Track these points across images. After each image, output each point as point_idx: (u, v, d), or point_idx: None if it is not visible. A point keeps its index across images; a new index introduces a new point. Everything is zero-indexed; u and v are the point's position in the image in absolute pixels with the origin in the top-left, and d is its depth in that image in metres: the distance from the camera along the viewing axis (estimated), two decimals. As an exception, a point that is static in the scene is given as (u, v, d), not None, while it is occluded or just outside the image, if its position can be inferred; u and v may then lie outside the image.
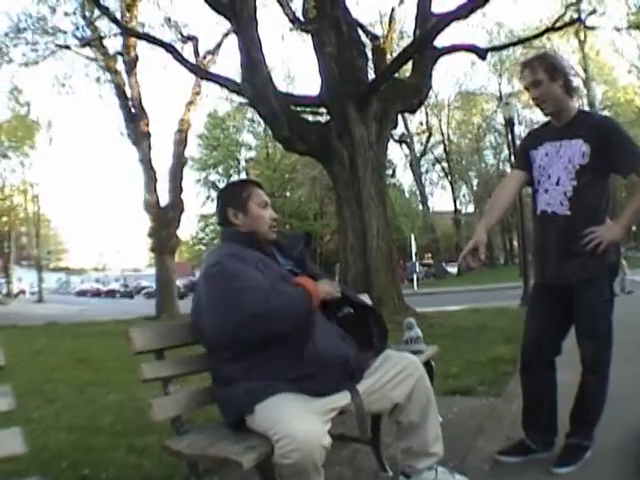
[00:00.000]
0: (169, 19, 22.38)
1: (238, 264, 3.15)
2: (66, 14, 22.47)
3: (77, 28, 23.22)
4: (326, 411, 2.99)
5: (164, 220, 27.91)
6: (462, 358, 8.52)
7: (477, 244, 3.95)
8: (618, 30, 21.74)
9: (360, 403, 3.18)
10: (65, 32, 23.06)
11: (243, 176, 69.22)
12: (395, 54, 18.53)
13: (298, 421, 2.76)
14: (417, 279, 43.36)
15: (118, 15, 23.20)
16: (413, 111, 19.08)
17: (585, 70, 60.49)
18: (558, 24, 20.09)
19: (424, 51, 16.25)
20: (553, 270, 4.06)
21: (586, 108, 62.43)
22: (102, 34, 24.97)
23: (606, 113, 66.22)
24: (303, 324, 3.08)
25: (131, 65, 27.76)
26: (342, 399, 3.12)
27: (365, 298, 4.57)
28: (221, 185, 70.99)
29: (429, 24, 16.21)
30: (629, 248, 63.08)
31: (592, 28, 21.18)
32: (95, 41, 24.92)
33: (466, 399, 6.35)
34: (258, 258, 3.27)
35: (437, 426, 3.57)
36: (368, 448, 4.15)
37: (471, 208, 74.41)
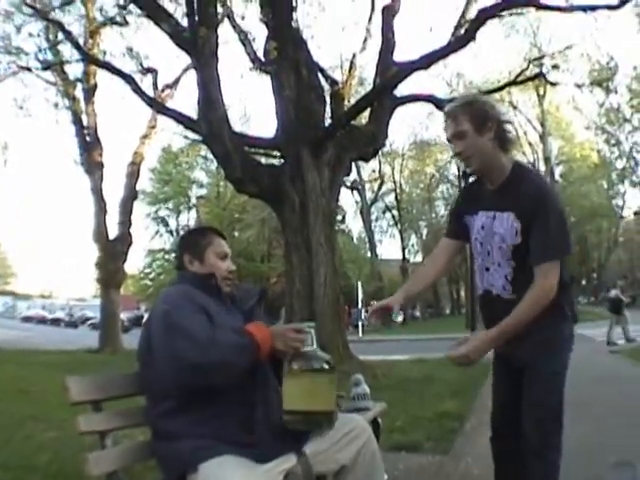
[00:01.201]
0: (131, 49, 22.18)
1: (185, 310, 3.01)
2: (30, 35, 22.28)
3: (40, 50, 23.12)
4: (273, 475, 2.84)
5: (112, 253, 27.71)
6: (408, 412, 8.41)
7: (390, 304, 3.73)
8: (579, 87, 21.91)
9: (308, 466, 3.05)
10: (27, 53, 22.85)
11: (193, 214, 69.44)
12: (354, 100, 18.57)
13: None
14: (362, 326, 43.22)
15: (81, 41, 23.23)
16: (368, 159, 19.18)
17: (542, 125, 61.74)
18: (520, 78, 20.40)
19: (383, 99, 16.33)
20: (505, 349, 3.71)
21: (541, 163, 63.70)
22: (64, 59, 24.90)
23: (561, 168, 67.54)
24: (248, 374, 2.96)
25: (90, 93, 27.77)
26: (288, 461, 2.98)
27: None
28: (170, 221, 71.09)
29: (390, 73, 16.33)
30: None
31: (554, 84, 21.39)
32: (56, 65, 24.87)
33: (412, 456, 6.24)
34: (211, 304, 3.15)
35: None
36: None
37: (419, 257, 75.41)
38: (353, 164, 18.13)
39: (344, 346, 15.02)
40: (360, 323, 43.51)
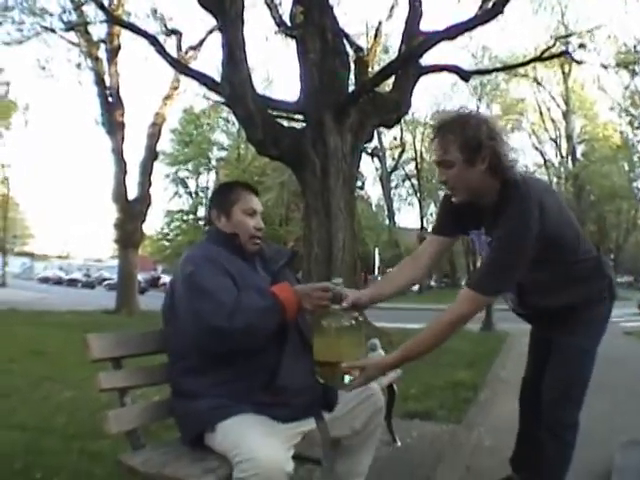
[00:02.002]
0: (155, 11, 22.17)
1: (210, 272, 2.99)
2: (55, -5, 22.32)
3: (64, 11, 22.85)
4: (290, 437, 2.88)
5: (130, 213, 27.67)
6: (422, 380, 8.40)
7: (350, 297, 3.12)
8: (605, 67, 21.61)
9: (326, 431, 3.10)
10: (52, 14, 22.72)
11: (212, 176, 69.45)
12: (377, 68, 18.49)
13: (262, 445, 2.62)
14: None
15: (106, 2, 23.00)
16: (390, 126, 19.05)
17: (566, 102, 61.10)
18: (546, 55, 20.00)
19: (408, 68, 16.20)
20: (532, 324, 3.78)
21: (563, 140, 63.36)
22: (88, 20, 24.72)
23: (583, 147, 67.01)
24: (274, 336, 2.96)
25: (113, 54, 27.57)
26: (307, 425, 3.03)
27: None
28: (190, 182, 71.18)
29: (416, 42, 16.19)
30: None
31: (579, 62, 20.93)
32: (80, 26, 24.69)
33: (425, 424, 6.26)
34: (235, 264, 3.12)
35: (367, 464, 3.49)
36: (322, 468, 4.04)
37: None
38: (375, 131, 17.97)
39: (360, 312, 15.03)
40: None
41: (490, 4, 16.16)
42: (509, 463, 4.04)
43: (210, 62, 73.47)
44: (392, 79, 16.90)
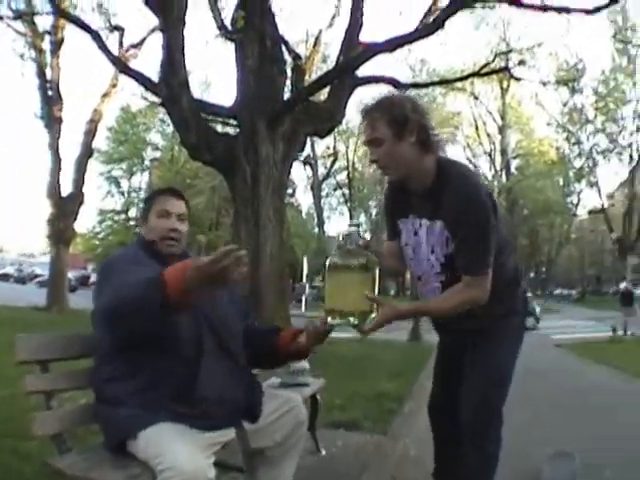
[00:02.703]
0: (101, 5, 21.97)
1: (120, 268, 3.01)
2: (3, -17, 22.10)
3: (13, -1, 22.81)
4: (211, 445, 2.89)
5: (63, 210, 27.38)
6: (347, 390, 8.44)
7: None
8: (544, 84, 21.86)
9: (246, 441, 3.11)
10: (1, 1, 22.76)
11: (145, 176, 68.96)
12: (315, 76, 18.51)
13: (184, 453, 2.62)
14: (306, 301, 43.41)
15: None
16: (323, 136, 18.96)
17: (503, 117, 61.97)
18: (484, 70, 20.29)
19: (344, 78, 16.26)
20: (451, 334, 3.73)
21: (498, 154, 64.07)
22: (35, 10, 24.65)
23: (518, 161, 67.91)
24: (193, 346, 2.96)
25: (56, 46, 27.48)
26: (227, 434, 3.04)
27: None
28: (123, 182, 70.62)
29: (354, 52, 16.27)
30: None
31: (518, 79, 21.13)
32: (28, 16, 24.54)
33: (351, 434, 6.29)
34: (152, 267, 2.98)
35: (291, 474, 3.49)
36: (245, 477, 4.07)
37: (367, 236, 75.16)
38: (308, 139, 17.97)
39: (286, 320, 15.04)
40: (304, 298, 43.74)
41: (431, 18, 16.31)
42: (432, 477, 3.99)
43: (150, 61, 73.00)
44: (327, 88, 16.96)
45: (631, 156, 53.97)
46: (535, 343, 18.91)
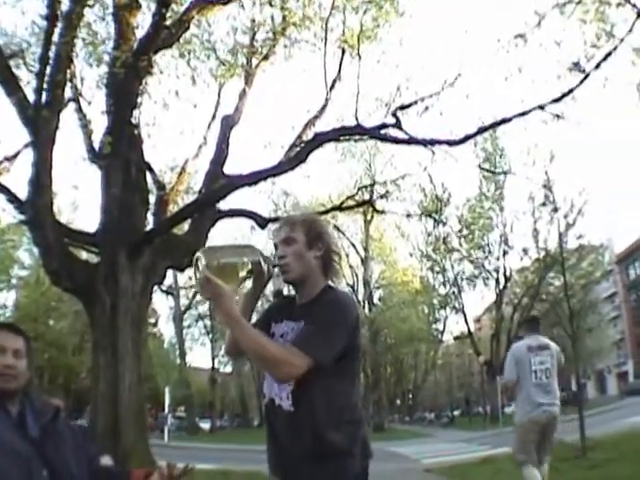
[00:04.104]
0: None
1: None
2: None
3: None
4: None
5: None
6: None
7: None
8: (408, 216, 22.20)
9: None
10: None
11: (12, 294, 67.29)
12: (179, 207, 18.50)
13: None
14: (168, 431, 42.70)
15: None
16: (182, 269, 18.75)
17: (366, 249, 62.84)
18: (346, 204, 20.57)
19: (205, 211, 16.44)
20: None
21: (360, 285, 64.76)
22: None
23: (381, 292, 68.79)
24: None
25: None
26: None
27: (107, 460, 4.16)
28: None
29: (216, 185, 16.38)
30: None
31: (381, 212, 21.35)
32: None
33: None
34: None
35: None
36: None
37: (229, 368, 77.64)
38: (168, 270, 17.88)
39: (146, 452, 14.69)
40: (166, 428, 43.14)
41: (293, 153, 16.58)
42: None
43: (22, 177, 72.07)
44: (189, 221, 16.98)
45: (497, 280, 54.88)
46: (403, 469, 18.86)
